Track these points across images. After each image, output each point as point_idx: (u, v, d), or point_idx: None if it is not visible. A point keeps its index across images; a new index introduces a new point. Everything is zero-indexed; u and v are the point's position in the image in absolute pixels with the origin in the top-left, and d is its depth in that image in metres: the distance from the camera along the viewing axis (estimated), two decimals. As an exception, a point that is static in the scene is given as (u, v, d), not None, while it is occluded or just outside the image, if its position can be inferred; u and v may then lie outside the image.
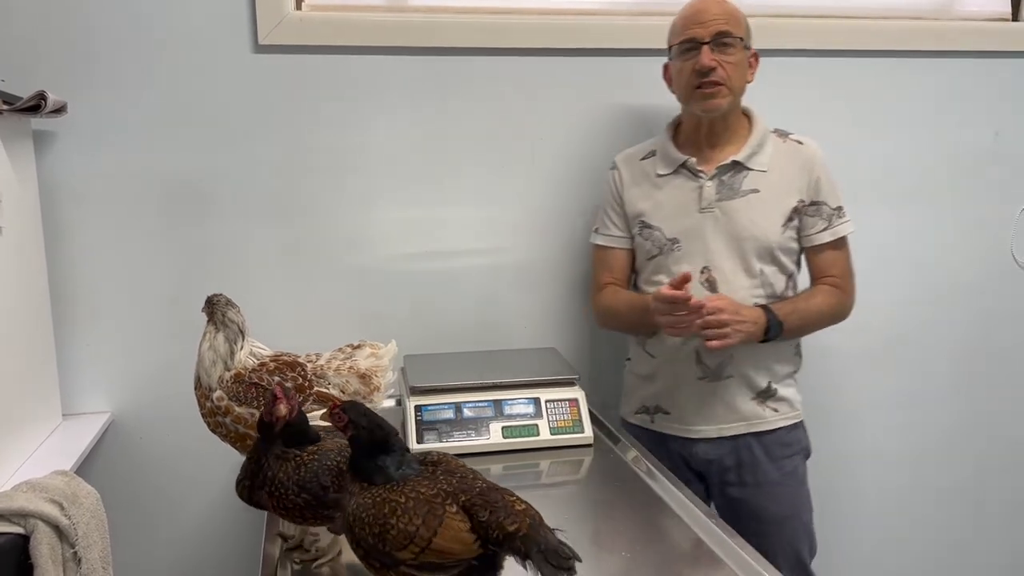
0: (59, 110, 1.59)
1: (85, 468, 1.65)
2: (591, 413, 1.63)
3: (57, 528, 1.18)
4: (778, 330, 1.61)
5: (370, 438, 0.94)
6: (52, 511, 1.17)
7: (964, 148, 2.15)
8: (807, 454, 1.78)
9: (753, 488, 1.70)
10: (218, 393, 1.21)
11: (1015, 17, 2.19)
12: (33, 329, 1.60)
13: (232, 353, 1.24)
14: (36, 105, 1.49)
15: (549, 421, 1.57)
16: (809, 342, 2.09)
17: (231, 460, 1.71)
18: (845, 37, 2.02)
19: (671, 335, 1.61)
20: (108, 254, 1.74)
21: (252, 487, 1.05)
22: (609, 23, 1.88)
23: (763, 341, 1.62)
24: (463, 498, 0.90)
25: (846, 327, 2.11)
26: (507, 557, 0.90)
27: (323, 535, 1.21)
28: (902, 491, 2.26)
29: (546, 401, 1.59)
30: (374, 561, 0.90)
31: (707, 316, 1.52)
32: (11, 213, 1.50)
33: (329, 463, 1.04)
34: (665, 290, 1.52)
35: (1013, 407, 2.31)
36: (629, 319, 1.73)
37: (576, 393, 1.62)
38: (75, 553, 1.19)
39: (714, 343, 1.54)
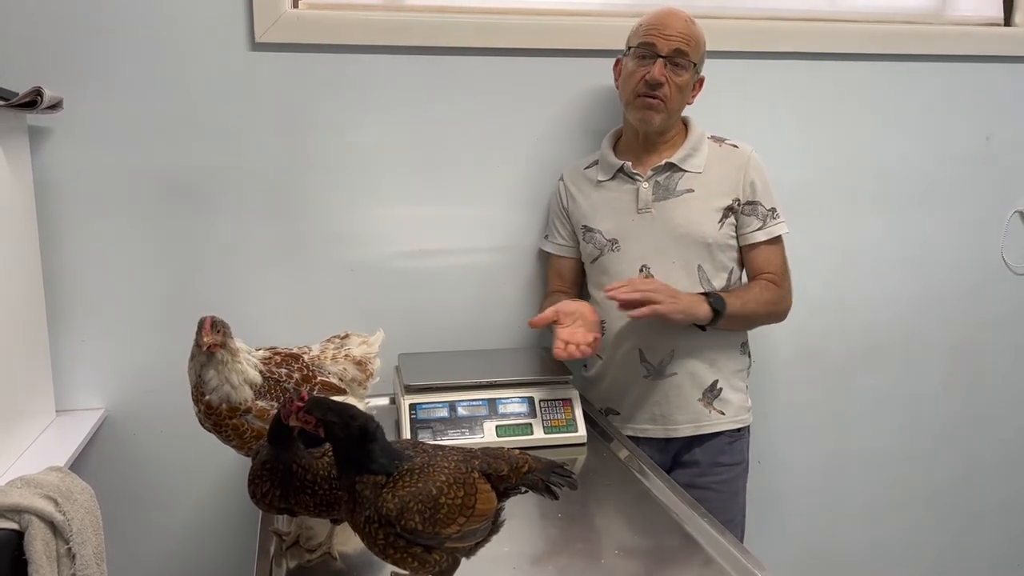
0: (55, 106, 1.59)
1: (79, 464, 1.65)
2: (584, 413, 1.63)
3: (51, 524, 1.18)
4: (721, 304, 1.63)
5: (347, 430, 0.92)
6: (46, 507, 1.17)
7: (956, 152, 2.17)
8: (746, 468, 1.80)
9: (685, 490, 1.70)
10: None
11: (1007, 22, 2.20)
12: (27, 325, 1.60)
13: (247, 373, 1.24)
14: (32, 101, 1.49)
15: (543, 420, 1.58)
16: (801, 343, 2.11)
17: (225, 456, 1.72)
18: (837, 41, 2.03)
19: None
20: (102, 250, 1.74)
21: (286, 494, 1.05)
22: (604, 24, 1.89)
23: (713, 321, 1.63)
24: (477, 463, 0.99)
25: (838, 328, 2.14)
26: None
27: (317, 527, 1.21)
28: (893, 492, 2.27)
29: (540, 400, 1.60)
30: (416, 547, 0.93)
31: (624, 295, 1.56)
32: (6, 209, 1.50)
33: None
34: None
35: (1003, 409, 2.32)
36: None
37: (570, 392, 1.62)
38: (69, 549, 1.19)
39: (641, 311, 1.56)
